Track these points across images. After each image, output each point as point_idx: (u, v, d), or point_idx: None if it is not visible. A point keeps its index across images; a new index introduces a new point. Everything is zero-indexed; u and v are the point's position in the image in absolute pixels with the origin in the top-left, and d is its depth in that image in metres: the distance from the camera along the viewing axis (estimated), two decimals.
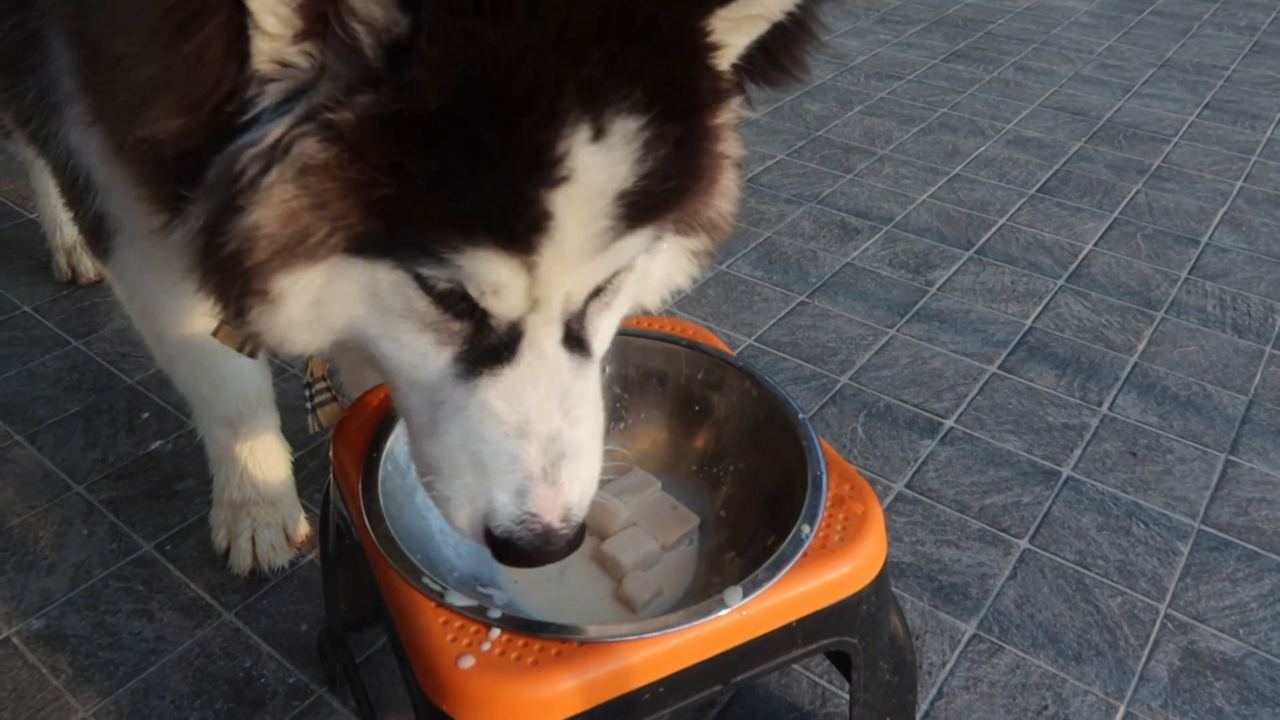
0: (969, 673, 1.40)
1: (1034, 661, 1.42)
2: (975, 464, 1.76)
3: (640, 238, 0.85)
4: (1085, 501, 1.69)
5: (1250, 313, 2.19)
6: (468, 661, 0.88)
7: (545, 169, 0.76)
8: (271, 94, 0.77)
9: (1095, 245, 2.43)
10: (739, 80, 0.91)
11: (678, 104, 0.80)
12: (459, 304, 0.84)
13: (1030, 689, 1.38)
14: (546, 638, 0.89)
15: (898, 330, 2.10)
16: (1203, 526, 1.65)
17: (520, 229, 0.77)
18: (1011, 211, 2.57)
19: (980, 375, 1.98)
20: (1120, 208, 2.60)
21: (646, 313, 1.10)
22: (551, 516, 0.87)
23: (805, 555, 0.98)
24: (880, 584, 1.03)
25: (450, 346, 0.87)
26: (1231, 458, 1.79)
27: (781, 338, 2.06)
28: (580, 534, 0.90)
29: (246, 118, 0.78)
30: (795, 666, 1.39)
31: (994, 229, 2.49)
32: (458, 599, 0.93)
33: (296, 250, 0.81)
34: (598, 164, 0.77)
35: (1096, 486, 1.72)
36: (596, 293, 0.90)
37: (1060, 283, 2.28)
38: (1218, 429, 1.85)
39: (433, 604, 0.93)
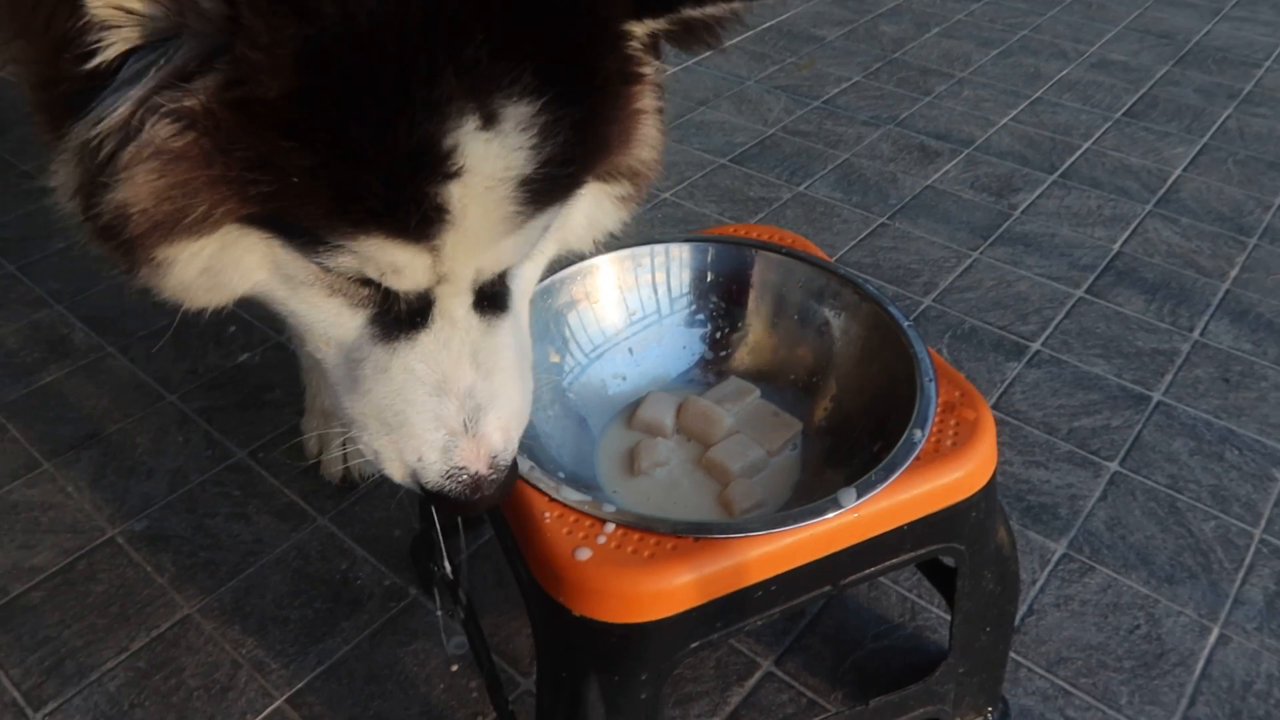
0: (1059, 591, 1.39)
1: (1126, 582, 1.40)
2: (1063, 387, 1.73)
3: (550, 214, 0.83)
4: (1177, 426, 1.65)
5: None
6: (584, 554, 0.89)
7: (432, 165, 0.71)
8: (117, 46, 0.71)
9: (1184, 170, 2.35)
10: (653, 43, 0.87)
11: (578, 86, 0.76)
12: (363, 277, 0.82)
13: (1122, 608, 1.37)
14: (662, 533, 0.90)
15: (981, 253, 2.06)
16: None
17: (414, 222, 0.74)
18: (1096, 135, 2.49)
19: (1067, 299, 1.93)
20: (1210, 133, 2.50)
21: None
22: (479, 465, 0.87)
23: (917, 459, 0.97)
24: (989, 492, 1.02)
25: (363, 309, 0.86)
26: None
27: (863, 259, 2.03)
28: (512, 473, 0.90)
29: (91, 65, 0.71)
30: (884, 580, 1.39)
31: (1078, 153, 2.41)
32: (572, 495, 0.93)
33: (176, 227, 0.77)
34: (491, 154, 0.73)
35: (1188, 412, 1.68)
36: None
37: (1148, 208, 2.21)
38: None
39: (547, 499, 0.93)
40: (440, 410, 0.85)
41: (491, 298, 0.87)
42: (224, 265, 0.83)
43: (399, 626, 1.34)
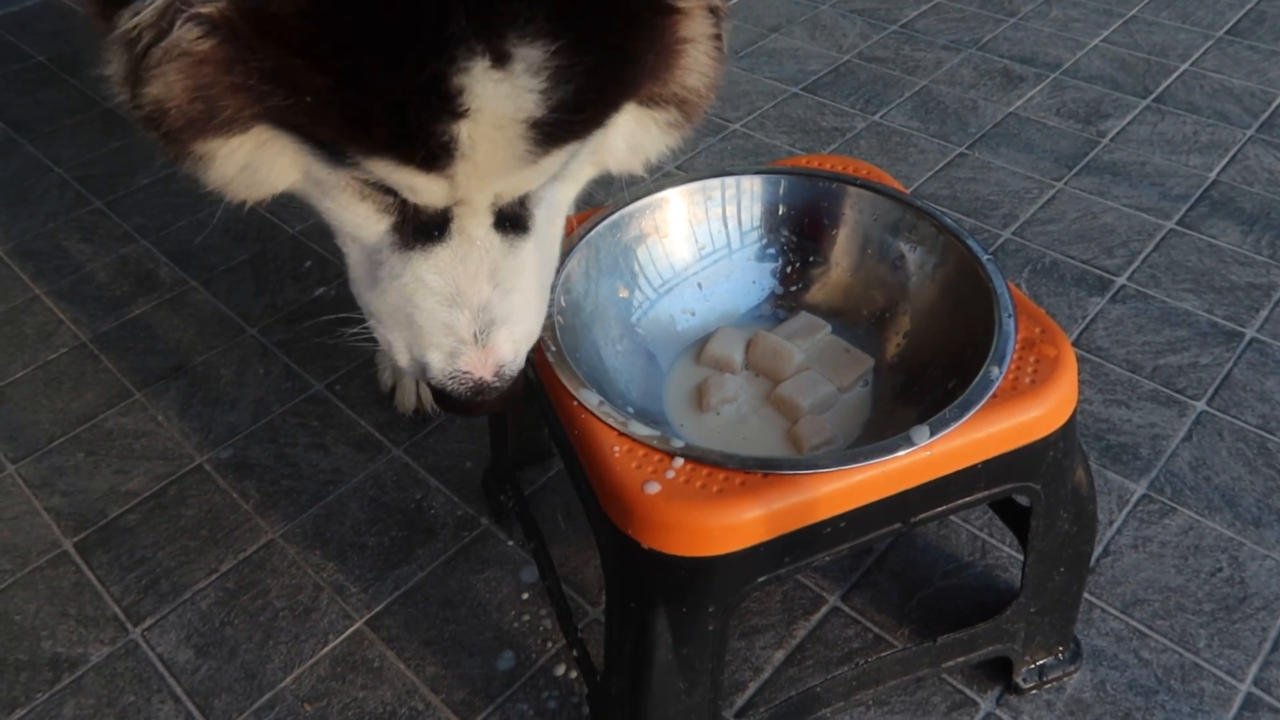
0: (1138, 532, 1.36)
1: (1208, 524, 1.36)
2: (1149, 323, 1.66)
3: (572, 147, 0.84)
4: (1271, 364, 1.58)
5: None
6: (653, 488, 0.89)
7: (440, 103, 0.72)
8: None
9: None
10: None
11: (598, 27, 0.75)
12: (386, 186, 0.84)
13: (1204, 551, 1.33)
14: (731, 468, 0.90)
15: (1065, 183, 1.98)
16: None
17: (423, 154, 0.76)
18: (1195, 56, 2.35)
19: (1156, 231, 1.85)
20: None
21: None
22: (484, 373, 0.91)
23: (994, 397, 0.94)
24: (1068, 431, 0.99)
25: (388, 216, 0.88)
26: None
27: (939, 190, 1.97)
28: (517, 384, 0.94)
29: None
30: (953, 518, 1.37)
31: (1175, 75, 2.29)
32: (640, 429, 0.93)
33: (209, 125, 0.79)
34: (501, 94, 0.73)
35: None
36: None
37: (1250, 133, 2.09)
38: None
39: (616, 433, 0.94)
40: (451, 320, 0.89)
41: (513, 219, 0.90)
42: (259, 164, 0.86)
43: (472, 555, 1.38)
